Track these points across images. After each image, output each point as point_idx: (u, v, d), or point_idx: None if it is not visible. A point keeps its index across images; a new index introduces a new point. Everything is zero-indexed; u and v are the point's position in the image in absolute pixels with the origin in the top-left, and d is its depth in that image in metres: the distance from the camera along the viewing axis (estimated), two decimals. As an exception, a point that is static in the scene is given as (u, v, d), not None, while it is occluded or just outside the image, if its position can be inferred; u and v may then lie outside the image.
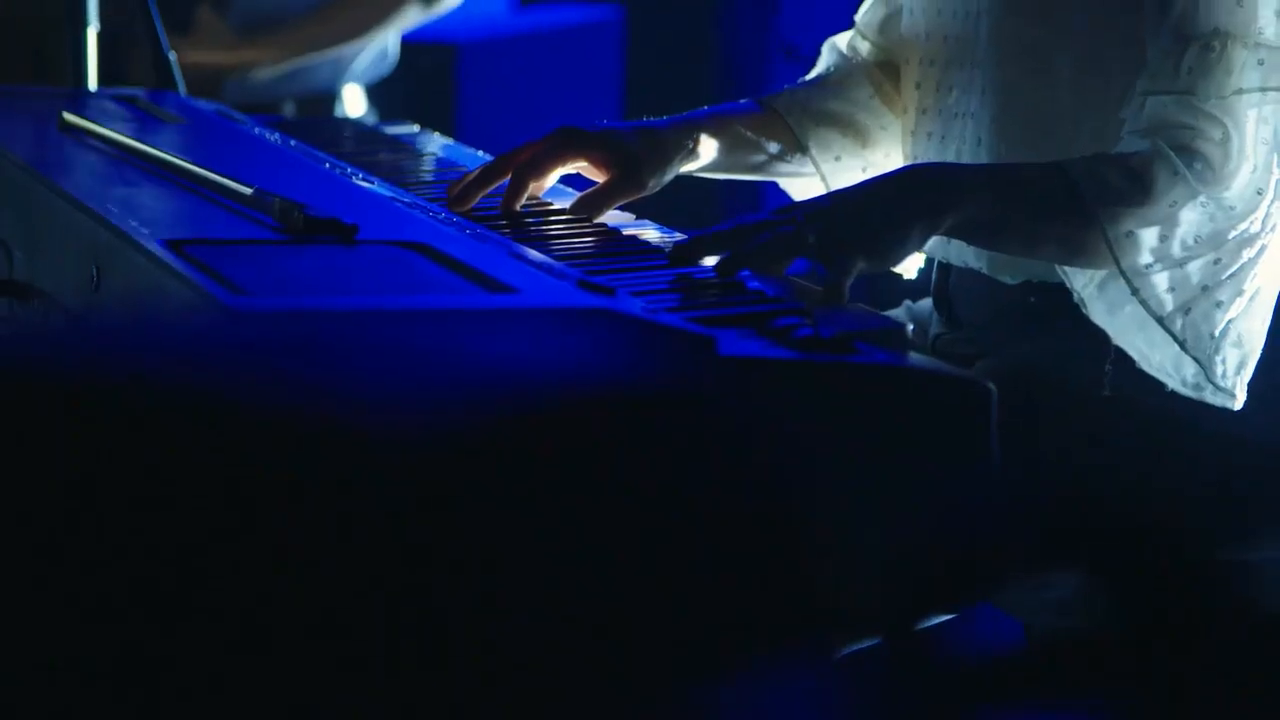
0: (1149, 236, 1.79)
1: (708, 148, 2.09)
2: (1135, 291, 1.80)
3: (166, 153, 1.91)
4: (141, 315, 1.61)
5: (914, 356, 1.58)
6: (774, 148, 2.15)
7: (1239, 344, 1.83)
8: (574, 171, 2.06)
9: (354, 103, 3.68)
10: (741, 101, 2.17)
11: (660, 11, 5.28)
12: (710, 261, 1.76)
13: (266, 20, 3.50)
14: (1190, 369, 1.82)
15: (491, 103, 4.60)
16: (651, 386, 1.49)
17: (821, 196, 1.82)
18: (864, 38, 2.21)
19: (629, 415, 1.49)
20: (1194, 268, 1.80)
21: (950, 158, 2.01)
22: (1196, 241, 1.80)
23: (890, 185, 1.81)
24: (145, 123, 2.27)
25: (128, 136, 2.00)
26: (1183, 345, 1.81)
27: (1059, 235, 1.81)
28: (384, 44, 3.71)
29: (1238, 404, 1.84)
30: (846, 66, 2.20)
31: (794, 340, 1.54)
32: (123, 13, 2.89)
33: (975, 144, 1.98)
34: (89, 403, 1.60)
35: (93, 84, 2.54)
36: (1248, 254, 1.82)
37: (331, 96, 3.66)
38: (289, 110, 3.59)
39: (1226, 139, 1.78)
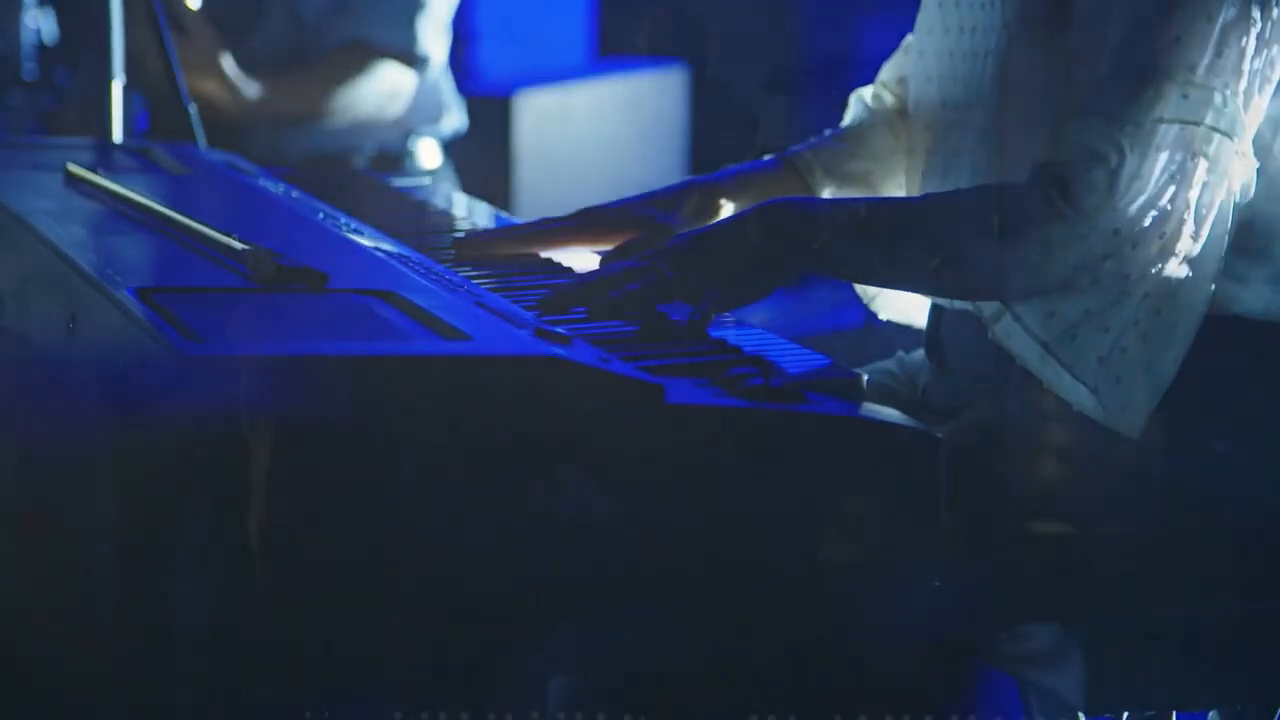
0: (1026, 265, 1.80)
1: (728, 210, 2.11)
2: (1018, 319, 1.82)
3: (159, 203, 1.94)
4: (106, 360, 1.65)
5: (865, 406, 1.59)
6: None
7: (1149, 370, 1.80)
8: (597, 252, 2.08)
9: (429, 157, 3.69)
10: (765, 159, 2.19)
11: (727, 67, 5.29)
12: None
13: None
14: (1085, 393, 1.82)
15: (549, 155, 4.62)
16: (594, 433, 1.51)
17: (681, 236, 1.86)
18: (886, 89, 2.23)
19: (570, 459, 1.50)
20: (1076, 294, 1.80)
21: None
22: (1075, 270, 1.79)
23: (748, 221, 1.85)
24: (151, 173, 2.30)
25: (126, 187, 2.03)
26: (1070, 370, 1.81)
27: (936, 268, 1.83)
28: (447, 99, 3.71)
29: (1134, 432, 1.81)
30: (870, 118, 2.22)
31: (743, 389, 1.55)
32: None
33: (971, 182, 1.99)
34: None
35: (118, 135, 2.59)
36: (1135, 280, 1.80)
37: (401, 153, 3.68)
38: (359, 164, 3.61)
39: (1121, 165, 1.78)
